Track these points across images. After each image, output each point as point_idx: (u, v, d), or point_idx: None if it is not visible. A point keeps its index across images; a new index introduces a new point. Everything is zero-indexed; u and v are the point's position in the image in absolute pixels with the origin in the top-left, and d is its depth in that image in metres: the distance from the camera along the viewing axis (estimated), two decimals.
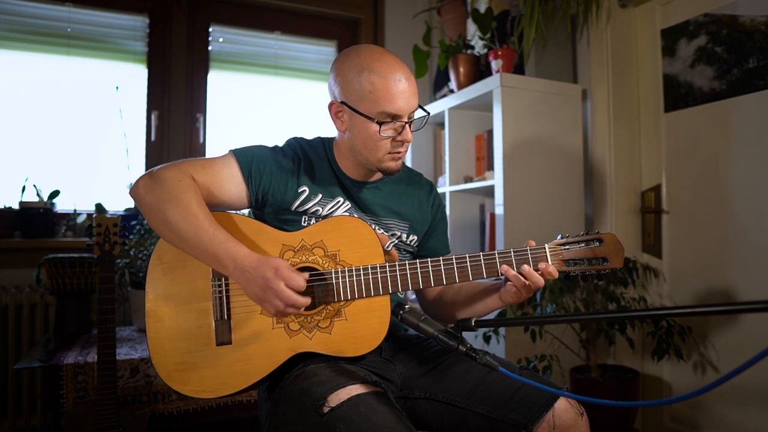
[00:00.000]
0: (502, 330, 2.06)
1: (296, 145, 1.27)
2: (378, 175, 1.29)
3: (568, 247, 1.10)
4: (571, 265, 1.10)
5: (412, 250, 1.32)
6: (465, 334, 0.94)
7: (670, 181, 2.20)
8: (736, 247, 1.94)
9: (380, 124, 1.14)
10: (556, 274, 1.08)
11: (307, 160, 1.24)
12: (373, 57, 1.15)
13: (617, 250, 1.08)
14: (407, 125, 1.16)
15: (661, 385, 2.21)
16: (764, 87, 1.83)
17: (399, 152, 1.19)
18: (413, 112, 1.18)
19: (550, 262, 1.09)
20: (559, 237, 1.12)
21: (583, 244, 1.10)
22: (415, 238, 1.31)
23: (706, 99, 2.04)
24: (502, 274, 1.09)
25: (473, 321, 0.91)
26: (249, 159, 1.19)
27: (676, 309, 0.74)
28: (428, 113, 1.26)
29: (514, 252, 1.10)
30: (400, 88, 1.13)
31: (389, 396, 1.01)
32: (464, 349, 0.91)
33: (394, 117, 1.14)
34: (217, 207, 1.17)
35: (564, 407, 1.05)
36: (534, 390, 1.06)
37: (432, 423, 1.15)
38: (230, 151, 1.21)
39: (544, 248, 1.10)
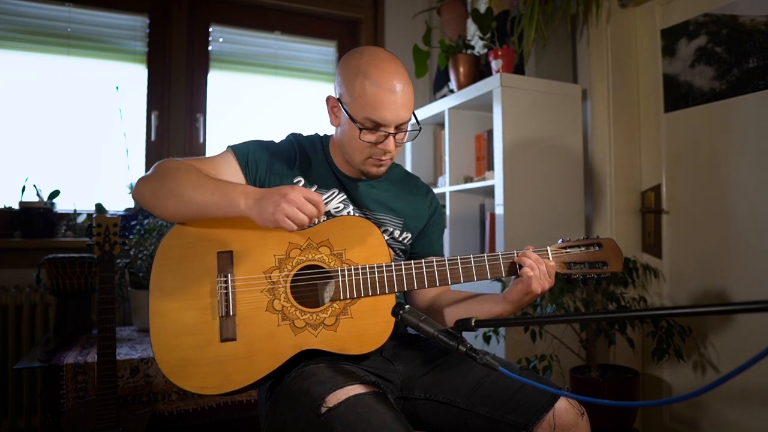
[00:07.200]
0: (502, 330, 2.06)
1: (293, 139, 1.30)
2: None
3: (569, 250, 1.13)
4: (573, 267, 1.11)
5: (404, 248, 1.31)
6: (465, 334, 0.94)
7: (670, 181, 2.20)
8: (736, 247, 1.94)
9: (361, 129, 1.14)
10: (553, 264, 1.11)
11: (303, 153, 1.27)
12: (372, 62, 1.14)
13: (616, 255, 1.12)
14: (390, 135, 1.15)
15: (661, 385, 2.21)
16: (764, 87, 1.83)
17: (381, 160, 1.19)
18: (403, 123, 1.17)
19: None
20: (560, 241, 1.15)
21: (583, 248, 1.13)
22: (409, 235, 1.30)
23: (706, 99, 2.04)
24: (517, 264, 1.10)
25: (473, 321, 0.91)
26: (245, 151, 1.23)
27: (676, 309, 0.74)
28: (419, 128, 1.21)
29: (517, 253, 1.12)
30: (390, 98, 1.12)
31: (388, 396, 1.01)
32: (464, 349, 0.91)
33: (378, 125, 1.14)
34: None
35: (564, 407, 1.05)
36: (534, 390, 1.06)
37: (432, 423, 1.15)
38: (228, 147, 1.25)
39: (546, 250, 1.13)
